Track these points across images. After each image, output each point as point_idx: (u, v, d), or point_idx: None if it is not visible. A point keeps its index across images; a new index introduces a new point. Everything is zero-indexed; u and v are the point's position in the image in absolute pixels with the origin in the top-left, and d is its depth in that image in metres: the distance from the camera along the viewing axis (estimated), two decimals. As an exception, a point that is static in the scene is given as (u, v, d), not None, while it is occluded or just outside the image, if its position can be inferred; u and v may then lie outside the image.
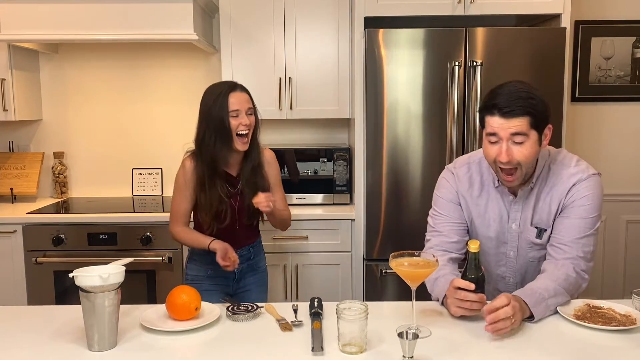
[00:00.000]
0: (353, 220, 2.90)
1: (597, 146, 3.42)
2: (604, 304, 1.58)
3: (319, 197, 3.09)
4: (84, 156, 3.45)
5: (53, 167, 3.38)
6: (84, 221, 2.87)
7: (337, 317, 1.34)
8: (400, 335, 1.23)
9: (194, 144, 2.09)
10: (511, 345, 1.38)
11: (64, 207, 3.16)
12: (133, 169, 3.43)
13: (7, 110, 3.04)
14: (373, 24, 2.74)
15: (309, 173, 3.07)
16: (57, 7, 2.79)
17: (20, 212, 2.95)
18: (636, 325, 1.44)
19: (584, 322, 1.46)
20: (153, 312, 1.58)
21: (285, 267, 2.93)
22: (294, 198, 3.06)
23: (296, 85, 3.08)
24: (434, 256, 1.47)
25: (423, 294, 1.64)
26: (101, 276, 1.34)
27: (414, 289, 1.45)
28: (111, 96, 3.42)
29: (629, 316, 1.50)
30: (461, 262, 1.73)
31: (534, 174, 1.66)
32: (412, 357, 1.24)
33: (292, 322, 1.53)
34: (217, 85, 2.10)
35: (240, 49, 3.06)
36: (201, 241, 2.07)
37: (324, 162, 3.07)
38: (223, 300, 1.78)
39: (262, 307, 1.63)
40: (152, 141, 3.44)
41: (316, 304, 1.59)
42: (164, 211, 2.99)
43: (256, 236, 2.25)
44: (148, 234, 2.84)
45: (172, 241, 2.84)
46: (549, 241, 1.67)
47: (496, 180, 1.71)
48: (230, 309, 1.59)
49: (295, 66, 3.07)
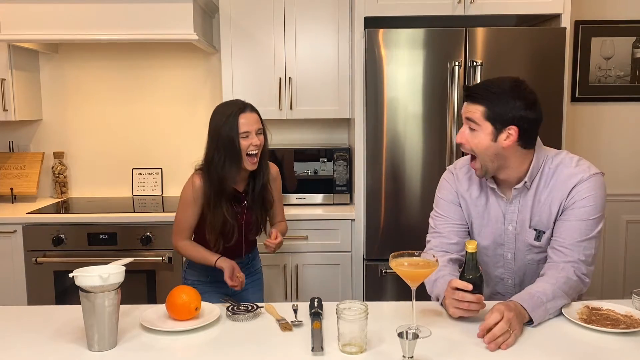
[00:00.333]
0: (353, 220, 2.90)
1: (597, 146, 3.42)
2: (603, 305, 1.57)
3: (319, 197, 3.09)
4: (84, 156, 3.45)
5: (53, 167, 3.38)
6: (84, 221, 2.87)
7: (337, 317, 1.34)
8: (400, 335, 1.23)
9: (202, 162, 2.09)
10: (512, 346, 1.37)
11: (64, 207, 3.16)
12: (133, 169, 3.43)
13: (7, 110, 3.04)
14: (373, 24, 2.74)
15: (309, 173, 3.07)
16: (57, 7, 2.79)
17: (20, 212, 2.95)
18: None
19: (592, 325, 1.44)
20: (153, 312, 1.58)
21: (285, 267, 2.93)
22: (294, 198, 3.06)
23: (296, 85, 3.08)
24: (434, 256, 1.47)
25: (423, 294, 1.64)
26: (101, 276, 1.34)
27: (414, 289, 1.45)
28: (111, 96, 3.42)
29: (631, 316, 1.50)
30: (461, 263, 1.73)
31: (526, 174, 1.64)
32: (412, 357, 1.24)
33: (292, 322, 1.52)
34: (227, 105, 2.09)
35: (240, 49, 3.06)
36: (207, 258, 2.07)
37: (324, 162, 3.07)
38: (223, 300, 1.77)
39: (262, 307, 1.63)
40: (152, 141, 3.44)
41: (316, 304, 1.59)
42: (164, 211, 2.99)
43: (255, 243, 2.29)
44: (148, 234, 2.84)
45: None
46: (550, 243, 1.65)
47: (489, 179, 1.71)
48: (230, 309, 1.59)
49: (295, 66, 3.07)
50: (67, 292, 2.87)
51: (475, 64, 2.62)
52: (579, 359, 1.31)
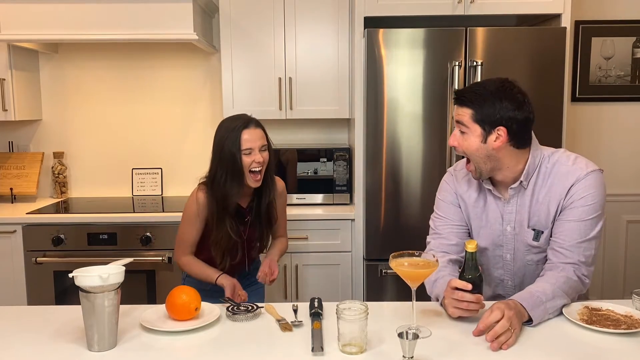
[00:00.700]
0: (353, 220, 2.90)
1: (597, 146, 3.42)
2: (603, 305, 1.57)
3: (319, 197, 3.09)
4: (83, 156, 3.45)
5: (53, 167, 3.38)
6: (83, 221, 2.87)
7: (337, 317, 1.34)
8: (400, 335, 1.23)
9: (206, 176, 2.03)
10: (512, 346, 1.37)
11: (63, 207, 3.16)
12: (133, 169, 3.43)
13: (7, 110, 3.04)
14: (373, 23, 2.74)
15: (309, 173, 3.07)
16: (57, 7, 2.79)
17: (20, 212, 2.95)
18: None
19: (594, 325, 1.44)
20: (153, 312, 1.58)
21: (285, 267, 2.93)
22: (294, 198, 3.06)
23: (296, 85, 3.08)
24: (434, 256, 1.47)
25: (423, 294, 1.64)
26: (101, 276, 1.34)
27: (414, 289, 1.45)
28: (111, 96, 3.42)
29: (631, 317, 1.50)
30: (461, 264, 1.73)
31: (521, 174, 1.64)
32: (412, 357, 1.24)
33: (292, 322, 1.52)
34: (232, 119, 2.01)
35: (240, 49, 3.06)
36: (208, 274, 2.01)
37: (324, 162, 3.07)
38: (223, 300, 1.77)
39: (262, 307, 1.63)
40: (152, 141, 3.44)
41: (316, 304, 1.59)
42: (163, 211, 2.99)
43: (258, 255, 2.24)
44: (148, 234, 2.84)
45: (172, 241, 2.84)
46: (550, 244, 1.65)
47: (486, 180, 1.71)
48: (230, 309, 1.59)
49: (295, 66, 3.07)
50: (67, 292, 2.87)
51: (475, 64, 2.62)
52: (574, 356, 1.31)
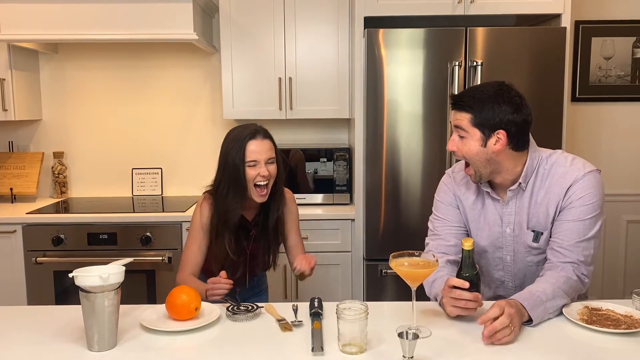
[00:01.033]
0: (353, 220, 2.90)
1: (597, 146, 3.42)
2: (602, 305, 1.57)
3: (319, 197, 3.08)
4: (83, 156, 3.45)
5: (53, 167, 3.38)
6: (83, 221, 2.87)
7: (337, 317, 1.34)
8: (400, 335, 1.23)
9: (211, 186, 1.94)
10: (512, 346, 1.37)
11: (63, 207, 3.16)
12: (133, 169, 3.43)
13: (7, 110, 3.04)
14: (373, 24, 2.74)
15: (309, 173, 3.07)
16: (57, 7, 2.79)
17: (20, 212, 2.95)
18: None
19: (594, 325, 1.44)
20: (153, 312, 1.58)
21: (285, 267, 2.92)
22: (294, 198, 3.06)
23: (296, 85, 3.08)
24: (434, 256, 1.47)
25: (423, 294, 1.64)
26: (101, 276, 1.34)
27: (414, 289, 1.45)
28: (111, 96, 3.42)
29: (631, 317, 1.50)
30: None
31: (520, 176, 1.64)
32: (412, 357, 1.24)
33: (292, 322, 1.52)
34: (240, 128, 1.90)
35: (240, 49, 3.06)
36: (200, 289, 1.84)
37: (324, 162, 3.07)
38: (223, 300, 1.77)
39: (262, 307, 1.63)
40: (152, 141, 3.44)
41: (316, 304, 1.59)
42: (163, 211, 2.99)
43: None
44: (148, 234, 2.84)
45: (172, 241, 2.86)
46: (549, 245, 1.65)
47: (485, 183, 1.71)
48: (230, 309, 1.59)
49: (295, 66, 3.07)
50: (67, 292, 2.87)
51: (475, 64, 2.62)
52: (574, 356, 1.31)
